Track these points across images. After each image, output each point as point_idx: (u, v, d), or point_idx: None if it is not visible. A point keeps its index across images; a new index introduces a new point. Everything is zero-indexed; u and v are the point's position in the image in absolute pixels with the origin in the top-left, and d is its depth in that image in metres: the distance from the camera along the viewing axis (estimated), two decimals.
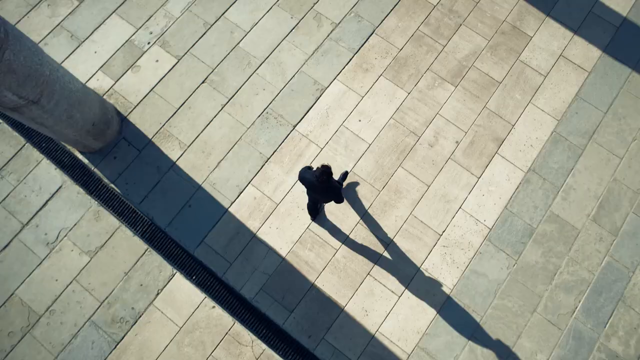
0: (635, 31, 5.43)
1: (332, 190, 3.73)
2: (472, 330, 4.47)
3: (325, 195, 3.81)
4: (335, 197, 3.83)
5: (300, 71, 5.22)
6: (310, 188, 3.84)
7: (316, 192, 3.84)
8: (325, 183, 3.53)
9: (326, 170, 3.48)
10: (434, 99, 5.14)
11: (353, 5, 5.51)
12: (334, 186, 3.70)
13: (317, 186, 3.67)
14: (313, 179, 3.62)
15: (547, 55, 5.33)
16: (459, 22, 5.46)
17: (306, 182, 3.80)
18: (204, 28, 5.37)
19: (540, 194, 4.84)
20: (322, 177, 3.48)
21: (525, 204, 4.81)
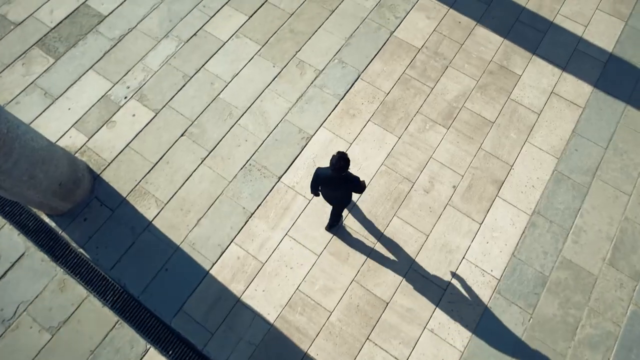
0: (623, 66, 5.34)
1: (351, 182, 3.45)
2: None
3: (344, 188, 3.51)
4: (355, 189, 3.52)
5: (284, 120, 4.99)
6: (327, 184, 3.56)
7: (334, 187, 3.54)
8: (342, 170, 3.24)
9: (343, 156, 3.22)
10: (426, 142, 4.89)
11: (336, 52, 5.41)
12: (352, 177, 3.45)
13: (335, 178, 3.40)
14: (329, 170, 3.37)
15: (538, 92, 5.17)
16: (445, 64, 5.34)
17: (321, 178, 3.54)
18: (183, 80, 5.19)
19: (549, 238, 4.46)
20: (339, 163, 3.20)
21: (534, 250, 4.41)
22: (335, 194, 3.66)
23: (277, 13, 5.64)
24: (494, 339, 4.08)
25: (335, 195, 3.71)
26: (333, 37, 5.50)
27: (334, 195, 3.71)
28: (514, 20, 5.63)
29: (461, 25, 5.60)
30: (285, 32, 5.52)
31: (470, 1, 5.77)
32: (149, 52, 5.35)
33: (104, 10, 5.59)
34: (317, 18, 5.62)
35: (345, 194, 3.66)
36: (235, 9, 5.65)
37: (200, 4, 5.67)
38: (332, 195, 3.73)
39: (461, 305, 4.20)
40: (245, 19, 5.59)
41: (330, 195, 3.75)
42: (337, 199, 3.75)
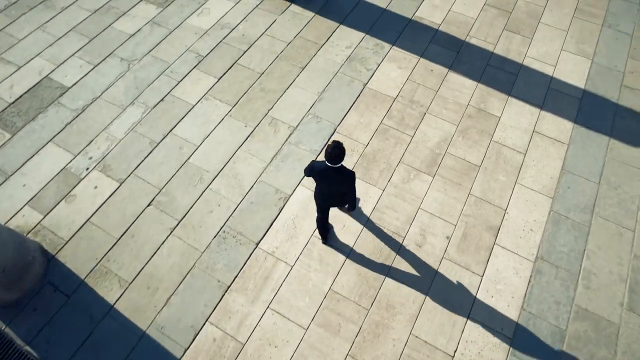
0: (598, 101, 5.31)
1: (346, 175, 3.33)
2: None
3: (338, 184, 3.39)
4: (349, 187, 3.43)
5: (259, 181, 4.67)
6: (321, 178, 3.43)
7: (329, 182, 3.42)
8: (339, 159, 3.15)
9: (338, 145, 3.15)
10: (412, 192, 4.59)
11: (310, 107, 5.25)
12: (348, 171, 3.34)
13: (330, 171, 3.30)
14: (324, 163, 3.29)
15: (520, 132, 5.03)
16: (422, 111, 5.22)
17: (316, 171, 3.41)
18: (150, 147, 4.89)
19: (558, 286, 4.05)
20: (335, 152, 3.13)
21: (545, 301, 3.97)
22: (332, 190, 3.51)
23: (246, 73, 5.54)
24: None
25: (331, 192, 3.54)
26: (305, 93, 5.37)
27: (331, 192, 3.54)
28: (484, 65, 5.65)
29: (434, 73, 5.57)
30: (256, 91, 5.38)
31: (439, 50, 5.81)
32: (114, 120, 5.09)
33: (68, 82, 5.40)
34: (288, 75, 5.53)
35: (339, 194, 3.54)
36: (203, 72, 5.54)
37: (168, 70, 5.54)
38: (329, 192, 3.56)
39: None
40: (215, 81, 5.46)
41: (327, 193, 3.58)
42: (334, 197, 3.59)
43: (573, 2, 6.39)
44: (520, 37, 5.95)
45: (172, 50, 5.74)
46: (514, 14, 6.22)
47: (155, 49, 5.75)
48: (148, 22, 6.05)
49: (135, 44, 5.80)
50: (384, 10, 6.27)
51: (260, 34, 5.95)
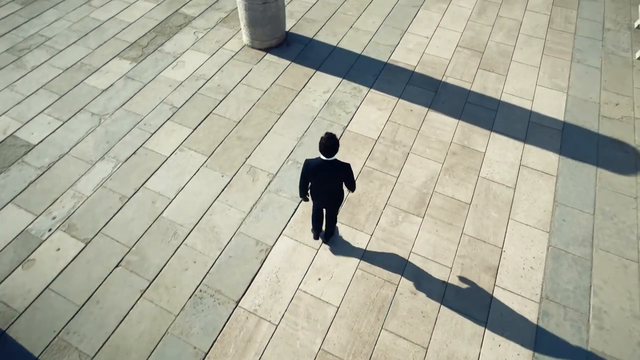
0: (579, 132, 5.27)
1: (341, 169, 3.38)
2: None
3: (334, 177, 3.42)
4: (347, 178, 3.46)
5: (238, 233, 4.34)
6: (317, 174, 3.44)
7: (325, 178, 3.44)
8: (333, 149, 3.21)
9: (331, 135, 3.21)
10: (402, 236, 4.32)
11: (290, 153, 5.06)
12: (342, 163, 3.38)
13: (325, 165, 3.34)
14: (318, 160, 3.35)
15: (506, 167, 4.90)
16: (406, 151, 5.08)
17: (311, 168, 3.41)
18: (121, 202, 4.56)
19: (569, 328, 3.71)
20: (329, 142, 3.18)
21: (557, 347, 3.61)
22: (327, 186, 3.52)
23: (222, 122, 5.39)
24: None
25: (326, 189, 3.56)
26: (284, 139, 5.21)
27: (326, 189, 3.56)
28: (463, 103, 5.64)
29: (414, 113, 5.51)
30: (233, 140, 5.20)
31: (417, 90, 5.80)
32: (82, 177, 4.78)
33: (34, 140, 5.13)
34: (266, 122, 5.40)
35: (337, 188, 3.55)
36: (178, 123, 5.36)
37: (141, 123, 5.35)
38: (323, 189, 3.57)
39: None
40: (189, 131, 5.27)
41: (322, 191, 3.60)
42: (329, 194, 3.60)
43: (540, 41, 6.58)
44: (495, 75, 6.02)
45: (145, 103, 5.60)
46: (486, 54, 6.35)
47: (128, 103, 5.60)
48: (121, 77, 5.94)
49: (108, 99, 5.64)
50: (359, 56, 6.33)
51: (236, 84, 5.88)
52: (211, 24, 6.88)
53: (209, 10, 7.15)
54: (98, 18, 6.95)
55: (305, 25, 6.89)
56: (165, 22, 6.90)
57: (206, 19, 6.98)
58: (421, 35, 6.68)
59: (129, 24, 6.84)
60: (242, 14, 6.03)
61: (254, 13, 5.89)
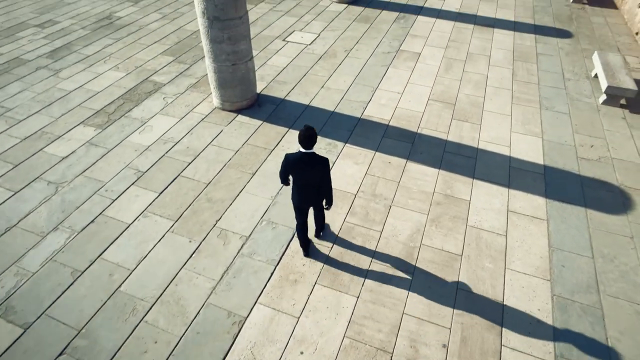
0: (561, 174, 5.16)
1: (320, 160, 3.52)
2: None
3: (314, 171, 3.53)
4: (324, 172, 3.58)
5: (207, 304, 3.81)
6: (298, 167, 3.54)
7: (304, 170, 3.54)
8: (312, 140, 3.38)
9: (309, 127, 3.40)
10: (391, 295, 3.87)
11: (264, 213, 4.69)
12: (321, 156, 3.55)
13: (305, 157, 3.47)
14: (297, 153, 3.50)
15: (494, 214, 4.65)
16: (387, 204, 4.79)
17: (291, 162, 3.55)
18: (72, 278, 4.01)
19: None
20: (308, 132, 3.36)
21: None
22: (309, 181, 3.62)
23: (191, 185, 5.04)
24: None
25: (309, 184, 3.65)
26: (257, 198, 4.88)
27: (309, 184, 3.65)
28: (441, 152, 5.52)
29: (392, 165, 5.33)
30: (202, 202, 4.83)
31: (394, 143, 5.68)
32: (29, 251, 4.24)
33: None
34: (238, 183, 5.08)
35: (318, 182, 3.64)
36: (143, 187, 4.99)
37: (102, 189, 4.95)
38: (306, 185, 3.67)
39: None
40: (155, 196, 4.89)
41: (305, 187, 3.68)
42: (312, 188, 3.69)
43: (508, 92, 6.74)
44: (470, 124, 6.01)
45: (108, 169, 5.24)
46: (458, 105, 6.41)
47: (89, 169, 5.23)
48: (84, 144, 5.63)
49: (67, 166, 5.27)
50: (332, 113, 6.27)
51: (206, 145, 5.64)
52: (181, 89, 6.81)
53: (179, 77, 7.13)
54: (64, 88, 6.79)
55: (277, 87, 6.90)
56: (134, 89, 6.79)
57: (176, 85, 6.92)
58: (392, 91, 6.76)
59: (96, 92, 6.70)
60: (211, 76, 5.98)
61: (224, 75, 5.84)
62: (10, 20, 9.16)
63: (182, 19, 9.21)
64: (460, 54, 7.81)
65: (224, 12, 5.25)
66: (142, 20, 9.17)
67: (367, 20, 9.16)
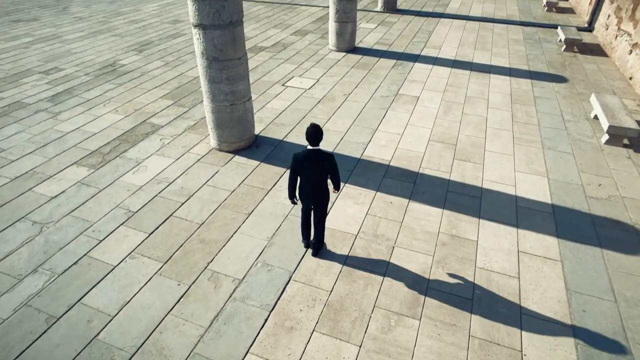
0: (571, 214, 4.93)
1: (327, 155, 3.74)
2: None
3: (321, 165, 3.76)
4: (331, 167, 3.80)
5: (194, 354, 3.43)
6: (305, 166, 3.77)
7: (312, 167, 3.76)
8: (319, 135, 3.63)
9: (314, 124, 3.66)
10: (397, 344, 3.51)
11: (259, 254, 4.41)
12: (326, 152, 3.75)
13: (312, 155, 3.71)
14: (305, 150, 3.73)
15: (504, 255, 4.36)
16: (390, 245, 4.52)
17: (299, 159, 3.76)
18: (46, 324, 3.65)
19: None
20: (314, 129, 3.62)
21: None
22: (314, 178, 3.82)
23: (183, 225, 4.80)
24: None
25: (314, 182, 3.84)
26: (252, 239, 4.62)
27: (314, 183, 3.84)
28: (444, 192, 5.32)
29: (394, 205, 5.12)
30: (194, 243, 4.56)
31: (395, 183, 5.51)
32: (2, 295, 3.92)
33: None
34: (232, 223, 4.84)
35: (323, 180, 3.85)
36: (132, 228, 4.74)
37: (89, 229, 4.70)
38: (311, 183, 3.85)
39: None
40: (145, 236, 4.63)
41: (310, 185, 3.87)
42: (317, 187, 3.87)
43: (509, 133, 6.68)
44: (472, 164, 5.88)
45: (97, 209, 5.02)
46: (459, 146, 6.31)
47: (78, 209, 5.01)
48: (75, 184, 5.46)
49: (55, 206, 5.06)
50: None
51: (200, 185, 5.47)
52: (179, 131, 6.76)
53: (178, 120, 7.11)
54: (61, 130, 6.74)
55: (275, 128, 6.86)
56: (132, 131, 6.74)
57: (174, 126, 6.88)
58: (392, 133, 6.70)
59: (93, 134, 6.63)
60: (209, 117, 5.93)
61: (221, 115, 5.80)
62: (16, 67, 9.36)
63: (184, 66, 9.42)
64: (458, 98, 7.86)
65: (223, 53, 5.30)
66: (145, 67, 9.37)
67: (365, 67, 9.36)
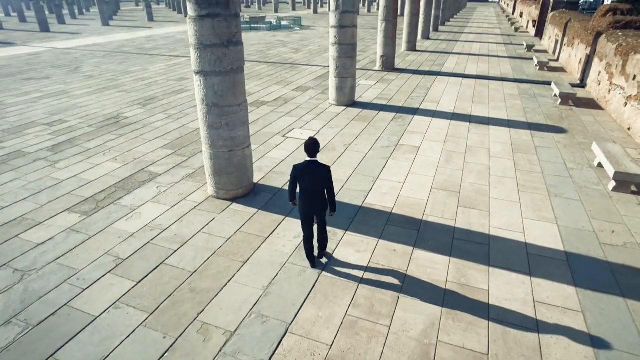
0: (586, 261, 4.64)
1: (323, 167, 4.15)
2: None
3: (318, 177, 4.13)
4: (327, 178, 4.18)
5: None
6: (303, 174, 4.14)
7: (310, 177, 4.12)
8: (316, 146, 4.09)
9: (312, 137, 4.14)
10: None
11: (253, 305, 4.08)
12: (325, 165, 4.18)
13: (311, 165, 4.11)
14: (304, 162, 4.15)
15: (519, 305, 4.02)
16: (395, 295, 4.20)
17: (299, 170, 4.15)
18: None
19: None
20: (311, 141, 4.08)
21: None
22: (313, 187, 4.15)
23: (174, 273, 4.51)
24: None
25: (313, 191, 4.17)
26: (247, 289, 4.30)
27: (313, 191, 4.17)
28: (450, 239, 5.07)
29: (397, 253, 4.85)
30: (185, 292, 4.24)
31: (398, 230, 5.28)
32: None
33: None
34: (226, 272, 4.55)
35: (321, 189, 4.19)
36: (119, 276, 4.45)
37: (74, 277, 4.41)
38: (310, 192, 4.18)
39: None
40: (132, 285, 4.32)
41: (309, 193, 4.19)
42: (316, 195, 4.20)
43: (512, 180, 6.55)
44: (477, 211, 5.67)
45: (85, 256, 4.76)
46: (463, 193, 6.15)
47: (64, 256, 4.74)
48: (64, 231, 5.23)
49: (40, 253, 4.80)
50: None
51: (195, 232, 5.24)
52: (176, 179, 6.65)
53: (176, 168, 7.03)
54: (57, 177, 6.64)
55: (274, 177, 6.76)
56: (129, 179, 6.63)
57: (172, 175, 6.79)
58: (394, 181, 6.57)
59: (89, 181, 6.52)
60: (207, 163, 5.85)
61: (220, 161, 5.71)
62: (22, 120, 9.51)
63: (186, 119, 9.56)
64: (459, 147, 7.84)
65: (223, 99, 5.33)
66: (148, 119, 9.51)
67: (365, 119, 9.49)
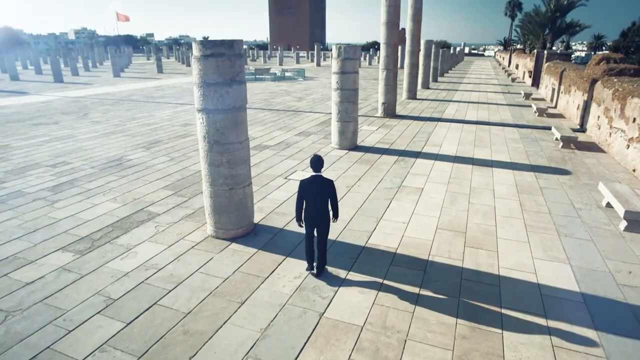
0: (605, 303, 4.37)
1: (327, 180, 4.56)
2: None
3: (323, 189, 4.51)
4: (331, 192, 4.57)
5: None
6: (310, 190, 4.50)
7: (316, 191, 4.49)
8: (320, 162, 4.54)
9: (317, 154, 4.64)
10: None
11: (249, 349, 3.80)
12: (329, 179, 4.59)
13: (316, 179, 4.48)
14: (310, 177, 4.50)
15: (537, 350, 3.71)
16: (402, 338, 3.91)
17: (306, 184, 4.52)
18: None
19: None
20: (316, 156, 4.56)
21: None
22: (317, 200, 4.52)
23: (167, 314, 4.25)
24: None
25: (317, 205, 4.54)
26: (244, 331, 4.03)
27: (317, 205, 4.54)
28: (458, 280, 4.83)
29: (403, 294, 4.59)
30: (177, 334, 3.97)
31: (403, 271, 5.05)
32: None
33: None
34: (223, 313, 4.30)
35: (325, 203, 4.58)
36: (109, 317, 4.19)
37: (60, 318, 4.16)
38: (314, 206, 4.55)
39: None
40: (122, 326, 4.06)
41: (313, 207, 4.56)
42: (319, 208, 4.56)
43: (520, 221, 6.37)
44: (485, 252, 5.46)
45: (74, 296, 4.52)
46: (469, 234, 5.96)
47: (52, 296, 4.51)
48: (56, 270, 5.03)
49: (28, 293, 4.57)
50: (333, 241, 5.79)
51: (192, 272, 5.02)
52: (175, 219, 6.52)
53: (176, 208, 6.92)
54: (55, 217, 6.52)
55: (275, 217, 6.62)
56: (127, 218, 6.51)
57: (171, 215, 6.66)
58: (397, 221, 6.41)
59: (87, 220, 6.39)
60: (207, 202, 5.74)
61: (220, 199, 5.61)
62: (26, 161, 9.57)
63: (188, 161, 9.59)
64: (463, 189, 7.74)
65: (225, 136, 5.33)
66: (150, 162, 9.55)
67: (367, 162, 9.49)
